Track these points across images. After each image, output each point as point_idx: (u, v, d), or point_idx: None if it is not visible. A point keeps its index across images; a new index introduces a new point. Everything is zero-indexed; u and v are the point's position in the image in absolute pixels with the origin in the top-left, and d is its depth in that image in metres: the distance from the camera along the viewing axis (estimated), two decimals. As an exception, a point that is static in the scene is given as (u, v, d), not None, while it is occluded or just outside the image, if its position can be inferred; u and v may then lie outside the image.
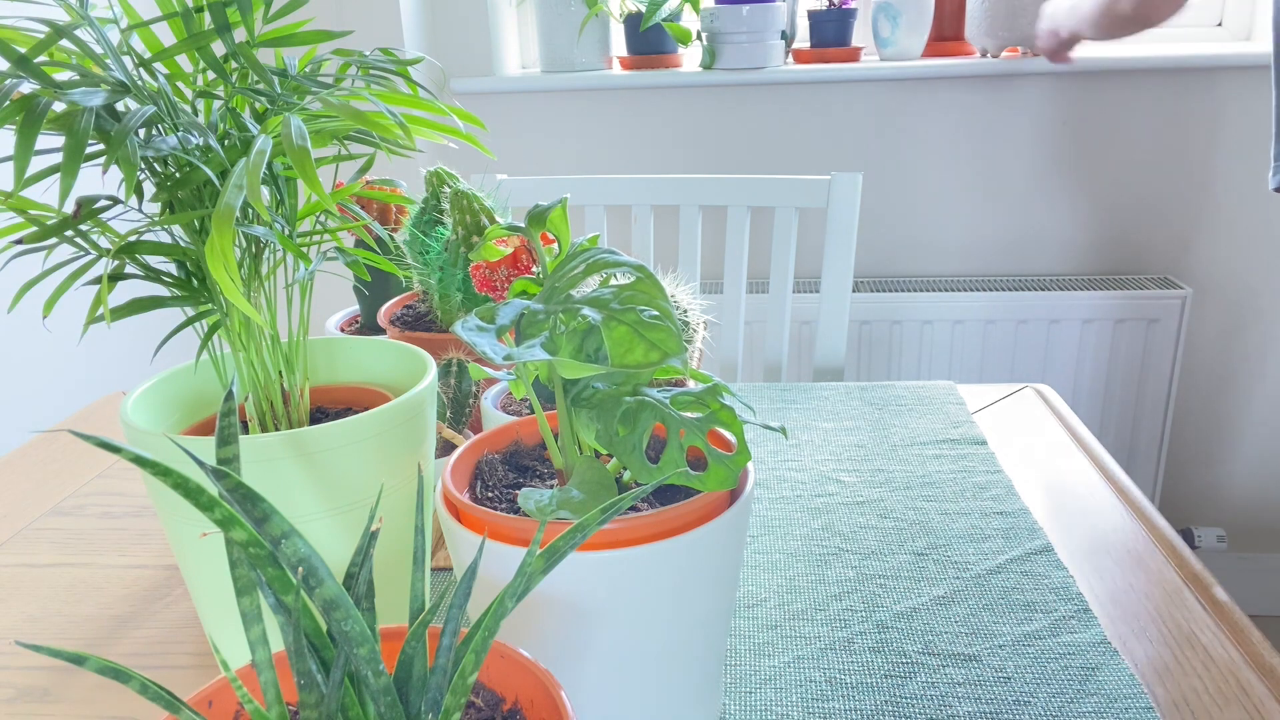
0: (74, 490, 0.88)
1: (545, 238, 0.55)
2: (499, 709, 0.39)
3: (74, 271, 0.50)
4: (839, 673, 0.58)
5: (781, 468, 0.86)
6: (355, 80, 0.54)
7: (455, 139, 0.55)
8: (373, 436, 0.53)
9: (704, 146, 1.94)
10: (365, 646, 0.33)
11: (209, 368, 0.62)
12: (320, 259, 0.58)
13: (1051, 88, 1.83)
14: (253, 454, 0.50)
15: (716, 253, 1.98)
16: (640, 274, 0.49)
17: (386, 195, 0.63)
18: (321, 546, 0.54)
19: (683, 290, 0.76)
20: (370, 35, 1.78)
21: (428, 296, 0.84)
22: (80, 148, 0.43)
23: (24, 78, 0.43)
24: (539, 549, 0.35)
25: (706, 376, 0.52)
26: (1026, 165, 1.88)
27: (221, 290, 0.45)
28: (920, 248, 1.96)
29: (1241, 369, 1.96)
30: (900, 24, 1.81)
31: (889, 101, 1.87)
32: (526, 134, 1.97)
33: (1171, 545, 0.72)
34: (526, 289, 0.54)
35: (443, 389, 0.76)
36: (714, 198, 1.37)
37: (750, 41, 1.82)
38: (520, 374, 0.52)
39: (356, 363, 0.66)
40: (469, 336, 0.45)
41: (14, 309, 1.02)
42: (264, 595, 0.34)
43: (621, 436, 0.49)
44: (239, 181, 0.44)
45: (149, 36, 0.51)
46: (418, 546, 0.37)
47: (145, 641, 0.65)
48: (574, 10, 1.88)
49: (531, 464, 0.57)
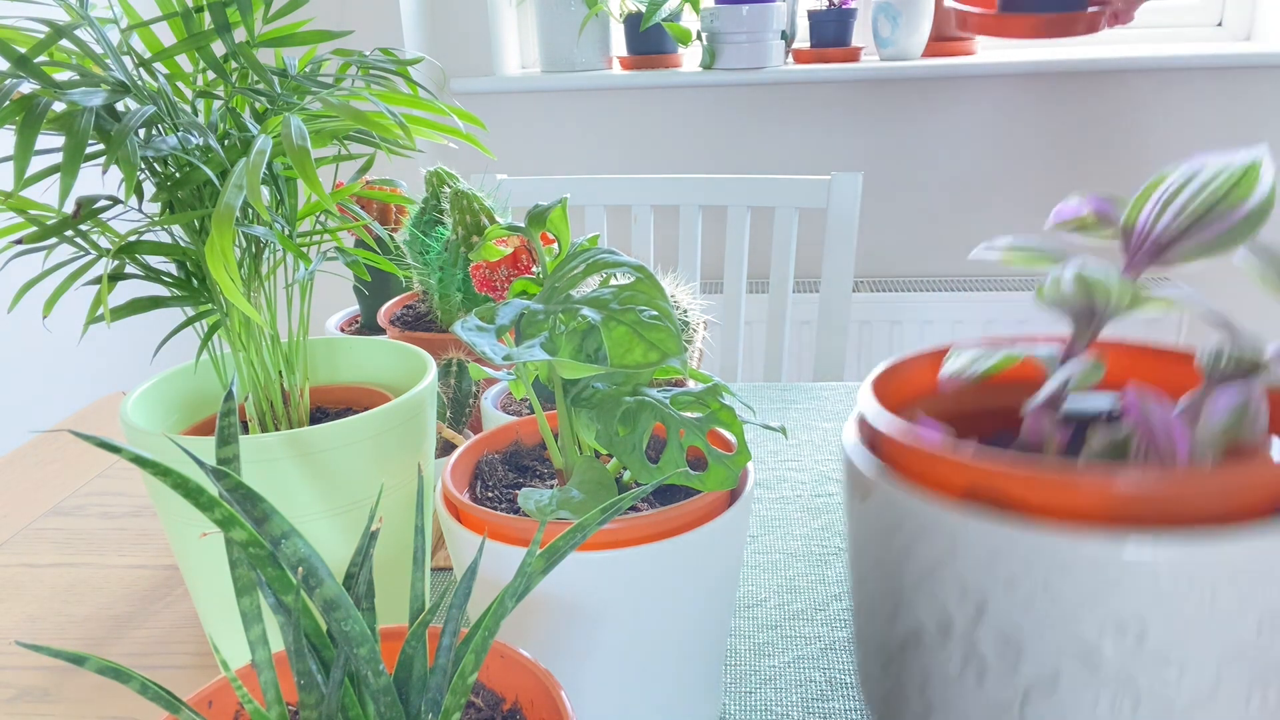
0: (74, 490, 0.88)
1: (545, 238, 0.55)
2: (499, 709, 0.39)
3: (74, 271, 0.50)
4: (839, 673, 0.58)
5: (781, 468, 0.86)
6: (355, 80, 0.54)
7: (455, 139, 0.55)
8: (372, 436, 0.53)
9: (704, 146, 1.94)
10: (365, 646, 0.33)
11: (209, 368, 0.62)
12: (320, 259, 0.58)
13: (1052, 88, 1.83)
14: (253, 454, 0.50)
15: (716, 253, 1.98)
16: (640, 274, 0.49)
17: (386, 195, 0.63)
18: (321, 546, 0.54)
19: (683, 290, 0.76)
20: (370, 35, 1.78)
21: (428, 296, 0.84)
22: (80, 148, 0.43)
23: (24, 78, 0.43)
24: (539, 549, 0.35)
25: (706, 376, 0.52)
26: (1027, 165, 1.88)
27: (221, 290, 0.45)
28: (920, 248, 1.96)
29: (1241, 369, 1.96)
30: (900, 24, 1.81)
31: (889, 101, 1.87)
32: (526, 134, 1.97)
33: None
34: (526, 289, 0.54)
35: (443, 389, 0.76)
36: (714, 198, 1.37)
37: (750, 41, 1.82)
38: (520, 374, 0.52)
39: (356, 363, 0.66)
40: (469, 336, 0.45)
41: (14, 309, 1.02)
42: (264, 595, 0.34)
43: (621, 436, 0.49)
44: (239, 181, 0.44)
45: (149, 36, 0.51)
46: (418, 546, 0.37)
47: (145, 641, 0.65)
48: (574, 10, 1.88)
49: (531, 464, 0.57)
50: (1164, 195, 0.35)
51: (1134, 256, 0.36)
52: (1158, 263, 0.35)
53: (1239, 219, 0.33)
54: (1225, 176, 0.34)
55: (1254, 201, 0.33)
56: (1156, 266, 0.35)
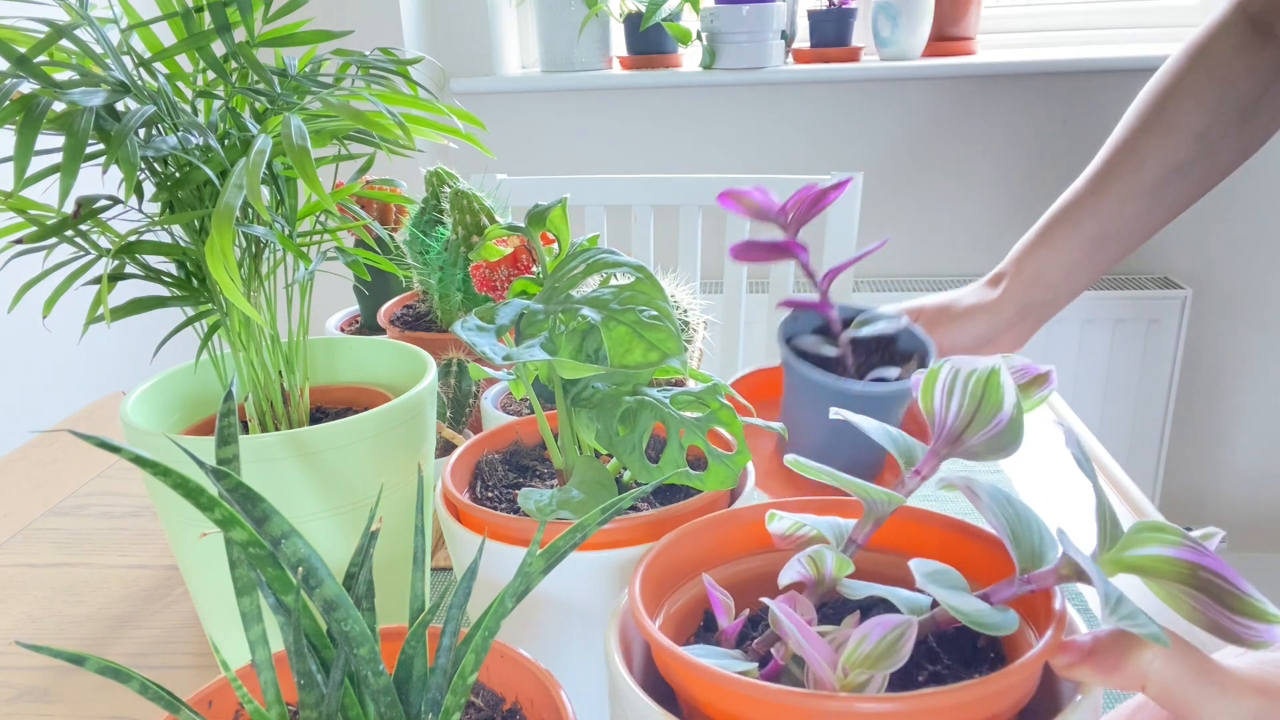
0: (74, 490, 0.88)
1: (545, 238, 0.55)
2: (499, 709, 0.39)
3: (74, 271, 0.50)
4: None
5: (781, 468, 0.86)
6: (355, 80, 0.54)
7: (455, 139, 0.55)
8: (372, 436, 0.53)
9: (704, 146, 1.94)
10: (365, 646, 0.33)
11: (209, 368, 0.62)
12: (320, 259, 0.58)
13: (1051, 88, 1.83)
14: (253, 454, 0.50)
15: (716, 253, 1.98)
16: (640, 274, 0.49)
17: (386, 195, 0.63)
18: (321, 546, 0.54)
19: (683, 290, 0.76)
20: (370, 35, 1.78)
21: (428, 296, 0.84)
22: (80, 148, 0.43)
23: (24, 78, 0.43)
24: (539, 549, 0.35)
25: (706, 376, 0.52)
26: (1026, 165, 1.88)
27: (221, 290, 0.45)
28: (920, 248, 1.96)
29: (1241, 369, 1.96)
30: (900, 24, 1.81)
31: (889, 101, 1.87)
32: (526, 134, 1.97)
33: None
34: (526, 289, 0.54)
35: (443, 389, 0.76)
36: (714, 198, 1.37)
37: (750, 41, 1.82)
38: (520, 374, 0.52)
39: (356, 363, 0.66)
40: (469, 336, 0.45)
41: (14, 309, 1.02)
42: (264, 595, 0.34)
43: (621, 436, 0.49)
44: (239, 181, 0.44)
45: (149, 36, 0.50)
46: (418, 546, 0.37)
47: (145, 641, 0.65)
48: (574, 10, 1.88)
49: (531, 464, 0.57)
50: (945, 384, 0.37)
51: (937, 439, 0.37)
52: (958, 452, 0.37)
53: (1005, 424, 0.35)
54: (976, 377, 0.36)
55: (1007, 411, 0.35)
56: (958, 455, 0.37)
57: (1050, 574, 0.34)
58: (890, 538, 0.43)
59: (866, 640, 0.32)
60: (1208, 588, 0.32)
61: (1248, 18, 0.73)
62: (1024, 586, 0.34)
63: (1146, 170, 0.75)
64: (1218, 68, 0.74)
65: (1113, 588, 0.31)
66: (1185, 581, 0.32)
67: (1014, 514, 0.35)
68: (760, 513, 0.43)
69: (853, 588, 0.37)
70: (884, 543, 0.43)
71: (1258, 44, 0.73)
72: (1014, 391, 0.35)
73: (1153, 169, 0.75)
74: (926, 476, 0.38)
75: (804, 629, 0.32)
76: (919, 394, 0.37)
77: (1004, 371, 0.35)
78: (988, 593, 0.35)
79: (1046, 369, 0.41)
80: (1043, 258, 0.77)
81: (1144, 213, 0.75)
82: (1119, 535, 0.34)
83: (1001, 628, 0.34)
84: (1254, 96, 0.74)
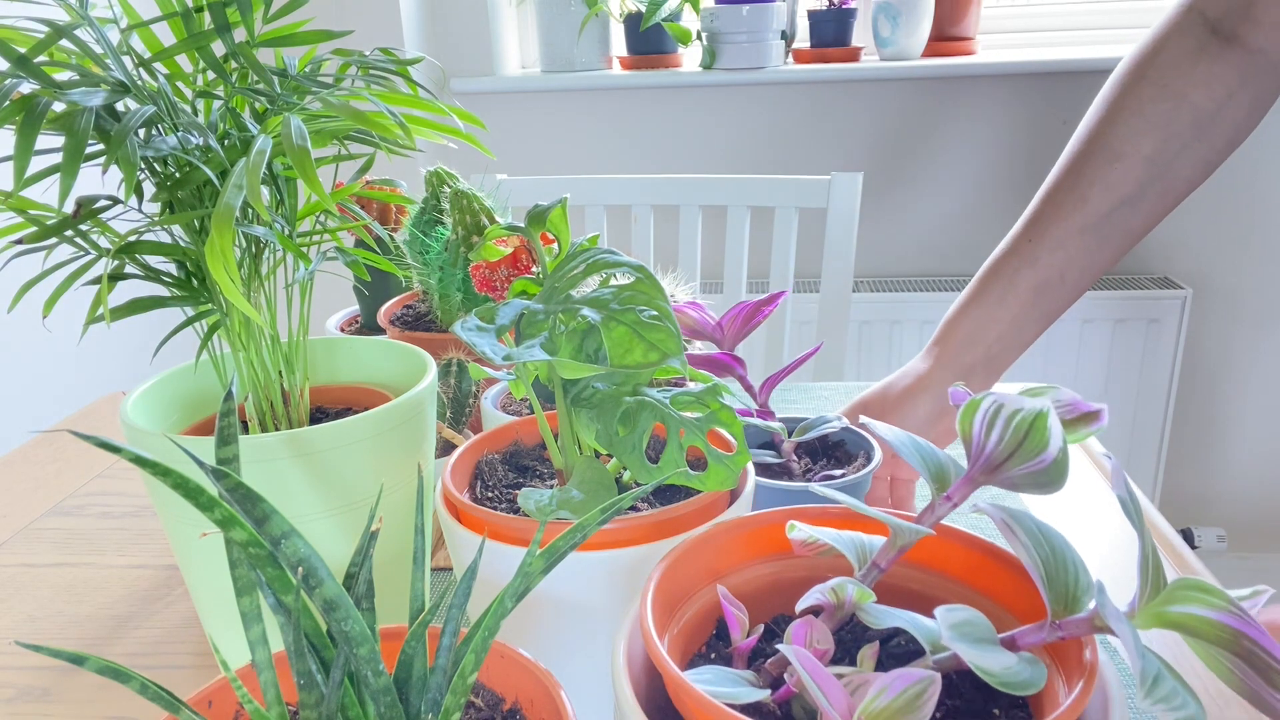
0: (74, 490, 0.88)
1: (545, 238, 0.55)
2: (499, 709, 0.39)
3: (74, 271, 0.50)
4: (839, 673, 0.58)
5: (781, 468, 0.85)
6: (355, 80, 0.54)
7: (455, 139, 0.55)
8: (372, 436, 0.53)
9: (704, 146, 1.94)
10: (365, 646, 0.33)
11: (209, 368, 0.62)
12: (320, 259, 0.58)
13: (1051, 88, 1.83)
14: (253, 454, 0.50)
15: (716, 253, 1.98)
16: (640, 274, 0.49)
17: (386, 195, 0.63)
18: (321, 546, 0.54)
19: (683, 290, 0.76)
20: (370, 35, 1.78)
21: (428, 296, 0.84)
22: (80, 148, 0.43)
23: (24, 78, 0.43)
24: (539, 549, 0.35)
25: (706, 376, 0.52)
26: (1026, 165, 1.88)
27: (221, 290, 0.45)
28: (920, 248, 1.96)
29: (1241, 369, 1.96)
30: (900, 24, 1.81)
31: (889, 101, 1.87)
32: (526, 134, 1.97)
33: (1171, 545, 0.72)
34: (526, 289, 0.54)
35: (443, 389, 0.76)
36: (714, 198, 1.37)
37: (750, 41, 1.82)
38: (520, 374, 0.52)
39: (356, 363, 0.66)
40: (469, 336, 0.45)
41: (14, 309, 1.02)
42: (264, 595, 0.34)
43: (621, 436, 0.49)
44: (239, 181, 0.44)
45: (149, 36, 0.51)
46: (418, 546, 0.37)
47: (145, 641, 0.65)
48: (574, 10, 1.88)
49: (531, 464, 0.57)
50: (986, 415, 0.36)
51: (973, 467, 0.37)
52: (995, 481, 0.36)
53: (1049, 463, 0.35)
54: (1021, 417, 0.35)
55: (1052, 453, 0.35)
56: (995, 484, 0.36)
57: (1084, 623, 0.33)
58: (916, 552, 0.42)
59: (886, 692, 0.31)
60: (1250, 658, 0.30)
61: (1205, 22, 0.67)
62: (1055, 633, 0.33)
63: (1090, 206, 0.69)
64: (1168, 79, 0.67)
65: (1151, 662, 0.30)
66: (1227, 647, 0.31)
67: (1049, 551, 0.34)
68: (776, 518, 0.42)
69: (874, 614, 0.36)
70: (909, 557, 0.42)
71: (1217, 49, 0.67)
72: (1061, 435, 0.34)
73: (1097, 204, 0.69)
74: (958, 503, 0.37)
75: (819, 674, 0.32)
76: (958, 421, 0.36)
77: (1053, 415, 0.34)
78: (1015, 636, 0.34)
79: (1098, 407, 0.39)
80: (975, 319, 0.72)
81: (1092, 250, 0.69)
82: (1162, 586, 0.33)
83: (1029, 687, 0.32)
84: (1212, 108, 0.67)
